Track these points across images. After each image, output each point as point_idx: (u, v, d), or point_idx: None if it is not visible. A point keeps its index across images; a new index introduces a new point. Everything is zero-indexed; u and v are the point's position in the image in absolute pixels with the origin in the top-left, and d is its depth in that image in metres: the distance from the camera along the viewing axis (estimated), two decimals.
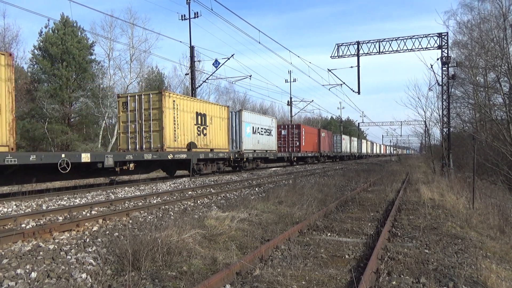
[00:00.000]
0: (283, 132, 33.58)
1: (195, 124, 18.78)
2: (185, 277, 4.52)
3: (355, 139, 62.23)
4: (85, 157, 12.27)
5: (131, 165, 14.60)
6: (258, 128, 25.96)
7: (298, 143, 33.66)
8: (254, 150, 25.00)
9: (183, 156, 17.16)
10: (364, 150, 68.83)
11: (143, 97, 17.07)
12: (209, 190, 13.26)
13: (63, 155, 11.63)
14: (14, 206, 9.31)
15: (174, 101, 17.36)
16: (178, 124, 17.45)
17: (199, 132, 19.04)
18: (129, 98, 17.46)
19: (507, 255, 6.39)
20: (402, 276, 4.70)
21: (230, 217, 7.23)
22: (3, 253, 5.34)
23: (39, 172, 11.99)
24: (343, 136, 52.95)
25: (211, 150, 19.95)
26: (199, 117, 19.12)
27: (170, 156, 16.25)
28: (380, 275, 4.65)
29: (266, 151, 26.89)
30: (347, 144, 54.16)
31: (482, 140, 20.23)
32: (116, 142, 24.06)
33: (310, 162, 37.70)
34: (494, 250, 6.45)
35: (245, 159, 23.49)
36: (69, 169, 11.45)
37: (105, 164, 12.97)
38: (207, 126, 19.81)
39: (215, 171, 20.68)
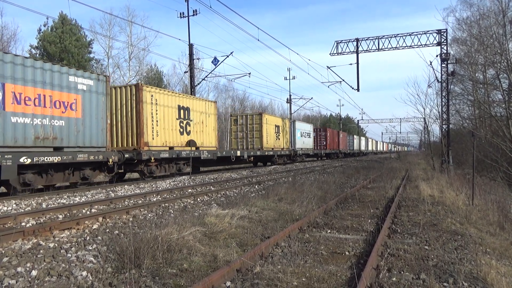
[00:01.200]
0: (313, 134, 41.12)
1: (275, 133, 29.68)
2: (185, 274, 4.52)
3: (363, 138, 72.90)
4: (238, 153, 23.01)
5: (252, 158, 25.89)
6: (303, 132, 36.02)
7: (324, 143, 42.80)
8: (301, 148, 34.93)
9: (271, 152, 28.17)
10: (370, 148, 78.70)
11: (248, 116, 28.19)
12: (209, 188, 13.27)
13: (232, 152, 22.33)
14: (14, 205, 9.31)
15: (266, 118, 28.23)
16: (267, 133, 28.13)
17: (276, 138, 30.06)
18: (238, 117, 28.57)
19: (507, 251, 6.41)
20: (402, 272, 4.71)
21: (230, 214, 7.23)
22: (3, 251, 5.34)
23: (223, 161, 22.16)
24: (355, 136, 63.23)
25: (282, 149, 30.72)
26: (276, 127, 30.08)
27: (266, 153, 27.20)
28: (380, 271, 4.66)
29: (308, 149, 37.14)
30: (358, 143, 63.48)
31: (481, 136, 20.24)
32: None
33: (332, 158, 46.83)
34: (494, 246, 6.46)
35: (297, 155, 33.80)
36: (234, 159, 22.31)
37: (244, 157, 23.79)
38: (280, 133, 30.73)
39: (281, 163, 30.59)
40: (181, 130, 17.96)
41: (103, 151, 13.25)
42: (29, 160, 10.62)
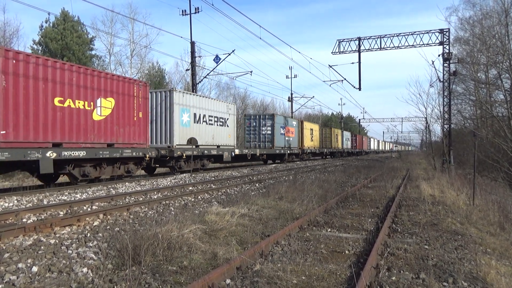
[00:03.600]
0: (350, 138, 59.02)
1: (336, 138, 45.49)
2: (185, 271, 4.53)
3: (377, 139, 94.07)
4: (325, 150, 42.65)
5: (329, 153, 44.81)
6: (346, 138, 53.83)
7: (355, 144, 60.37)
8: (346, 148, 53.15)
9: (335, 150, 46.15)
10: (381, 148, 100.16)
11: (323, 129, 43.57)
12: (210, 186, 13.28)
13: (323, 150, 41.74)
14: (15, 201, 9.33)
15: (333, 130, 44.97)
16: (333, 139, 44.61)
17: (336, 141, 44.87)
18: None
19: (507, 251, 6.41)
20: (402, 272, 4.71)
21: (230, 212, 7.24)
22: (4, 247, 5.36)
23: (320, 154, 43.67)
24: (371, 138, 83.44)
25: (339, 148, 47.22)
26: (336, 135, 45.16)
27: (334, 150, 45.28)
28: (380, 270, 4.67)
29: (348, 148, 55.02)
30: (372, 144, 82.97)
31: (483, 136, 20.22)
32: None
33: (358, 154, 62.87)
34: (494, 246, 6.46)
35: (344, 152, 51.61)
36: (324, 154, 44.96)
37: (327, 153, 44.36)
38: (338, 138, 46.67)
39: (338, 156, 47.85)
40: (311, 139, 36.93)
41: (298, 148, 32.82)
42: (290, 151, 30.44)
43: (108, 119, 13.16)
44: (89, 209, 8.52)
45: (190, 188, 12.65)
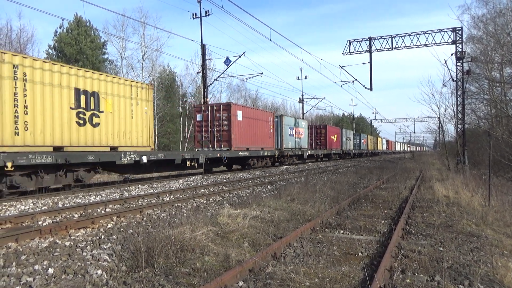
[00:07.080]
0: (384, 142, 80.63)
1: (375, 142, 68.51)
2: (198, 273, 4.56)
3: (398, 142, 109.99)
4: (373, 151, 66.90)
5: (375, 152, 69.52)
6: (383, 142, 74.67)
7: (387, 146, 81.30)
8: (382, 149, 73.62)
9: (377, 151, 69.12)
10: (402, 149, 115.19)
11: (368, 136, 63.24)
12: (221, 188, 13.32)
13: (372, 150, 65.29)
14: (31, 204, 9.50)
15: (374, 136, 71.79)
16: (375, 142, 68.36)
17: (377, 144, 68.88)
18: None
19: None
20: (416, 274, 4.66)
21: (242, 214, 7.25)
22: (21, 249, 5.47)
23: (373, 154, 66.22)
24: (396, 142, 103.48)
25: (377, 149, 69.41)
26: (375, 139, 69.27)
27: (376, 151, 69.17)
28: (394, 272, 4.62)
29: (383, 149, 73.35)
30: (396, 145, 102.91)
31: (498, 136, 19.84)
32: None
33: (387, 153, 79.18)
34: (511, 248, 6.33)
35: (380, 152, 71.14)
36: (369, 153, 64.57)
37: (369, 153, 62.74)
38: (376, 143, 68.53)
39: (376, 155, 65.27)
40: (370, 144, 60.74)
41: (366, 150, 58.94)
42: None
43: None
44: (103, 211, 8.63)
45: (202, 190, 12.71)
